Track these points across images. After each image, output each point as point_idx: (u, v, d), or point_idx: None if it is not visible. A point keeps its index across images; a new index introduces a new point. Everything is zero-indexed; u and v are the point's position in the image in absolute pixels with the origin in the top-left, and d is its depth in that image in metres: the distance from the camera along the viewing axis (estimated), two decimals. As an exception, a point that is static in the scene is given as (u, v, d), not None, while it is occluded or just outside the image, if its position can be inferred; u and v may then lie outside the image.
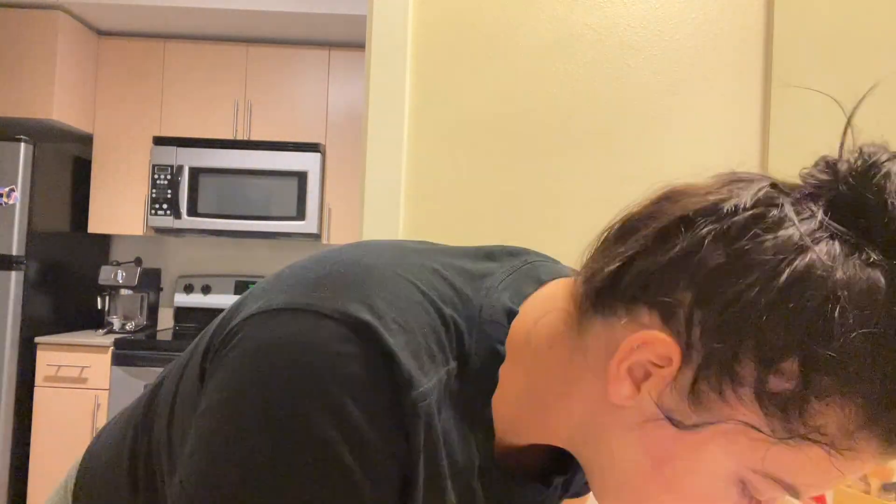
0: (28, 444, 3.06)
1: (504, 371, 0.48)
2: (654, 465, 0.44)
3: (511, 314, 0.49)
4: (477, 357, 0.47)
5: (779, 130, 1.24)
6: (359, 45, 3.44)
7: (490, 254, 0.55)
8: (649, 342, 0.42)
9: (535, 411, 0.49)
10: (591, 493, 0.65)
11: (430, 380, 0.43)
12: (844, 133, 0.49)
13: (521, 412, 0.49)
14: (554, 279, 0.54)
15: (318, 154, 3.37)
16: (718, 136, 1.27)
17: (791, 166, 1.20)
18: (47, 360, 3.06)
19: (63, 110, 3.37)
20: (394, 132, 1.24)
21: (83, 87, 3.52)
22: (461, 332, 0.47)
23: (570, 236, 1.26)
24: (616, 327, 0.45)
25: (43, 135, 3.58)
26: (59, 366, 3.05)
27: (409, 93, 1.27)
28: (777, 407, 0.40)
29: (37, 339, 3.06)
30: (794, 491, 0.43)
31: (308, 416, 0.39)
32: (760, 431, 0.41)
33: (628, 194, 1.38)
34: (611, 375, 0.44)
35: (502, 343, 0.48)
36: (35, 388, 3.07)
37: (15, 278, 2.96)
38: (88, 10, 3.36)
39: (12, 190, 2.97)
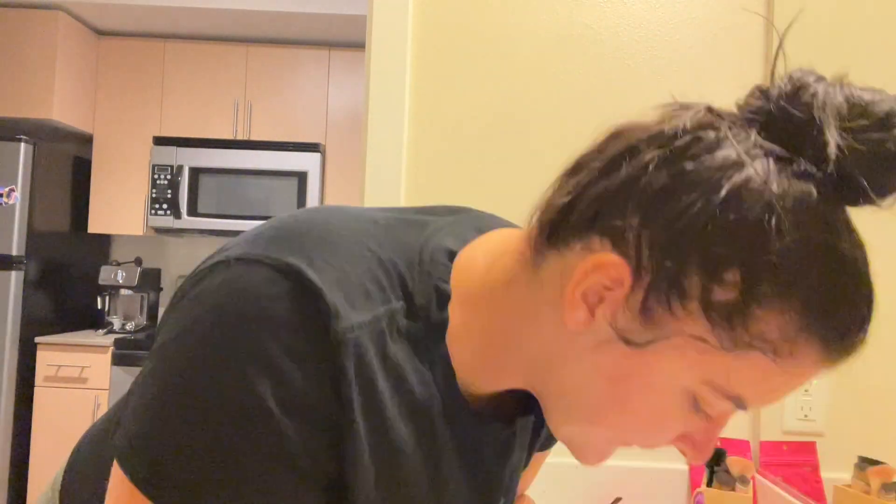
0: (28, 444, 3.06)
1: (461, 316, 0.50)
2: (608, 386, 0.46)
3: (451, 254, 0.52)
4: (421, 296, 0.48)
5: (779, 130, 1.24)
6: (359, 45, 3.44)
7: (432, 209, 0.58)
8: (601, 266, 0.45)
9: (495, 352, 0.50)
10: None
11: (361, 315, 0.44)
12: (775, 61, 0.53)
13: (481, 356, 0.50)
14: (496, 229, 0.58)
15: (318, 154, 3.37)
16: (718, 136, 1.27)
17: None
18: (47, 360, 3.06)
19: (63, 110, 3.37)
20: (394, 132, 1.24)
21: (83, 87, 3.52)
22: (402, 274, 0.48)
23: (570, 236, 1.26)
24: (569, 257, 0.47)
25: (43, 135, 3.58)
26: (59, 366, 3.05)
27: (409, 93, 1.27)
28: (722, 317, 0.42)
29: (37, 339, 3.06)
30: (741, 402, 0.45)
31: (230, 359, 0.41)
32: (708, 343, 0.43)
33: (628, 194, 1.36)
34: (566, 302, 0.46)
35: (446, 282, 0.50)
36: (35, 388, 3.07)
37: (15, 278, 2.96)
38: (88, 10, 3.36)
39: (12, 190, 2.97)
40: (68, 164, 3.41)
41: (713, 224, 0.42)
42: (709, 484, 1.14)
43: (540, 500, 1.22)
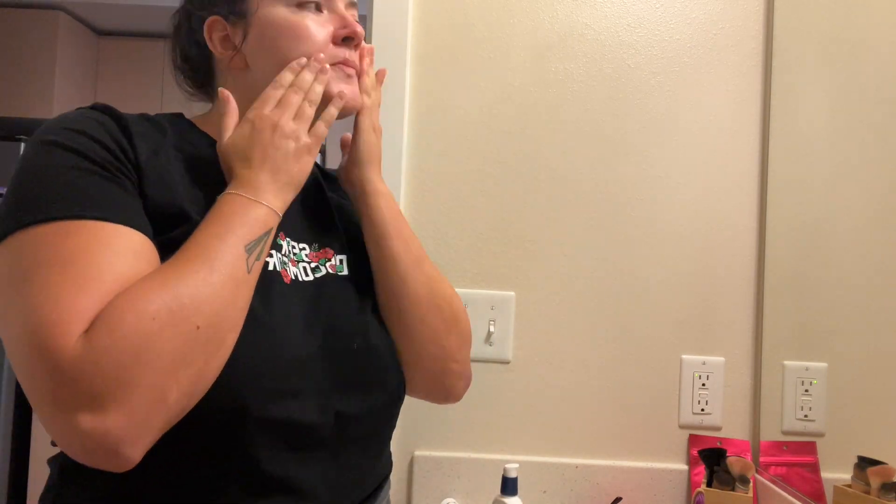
0: (28, 444, 3.06)
1: (207, 125, 0.80)
2: (275, 52, 0.76)
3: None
4: (166, 121, 0.76)
5: (779, 130, 1.24)
6: (359, 45, 3.41)
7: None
8: (211, 27, 0.78)
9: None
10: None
11: (136, 119, 0.71)
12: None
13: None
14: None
15: (319, 154, 3.37)
16: (718, 136, 1.27)
17: (791, 166, 1.21)
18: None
19: (63, 110, 3.36)
20: (394, 132, 1.24)
21: (83, 87, 3.52)
22: (148, 116, 0.75)
23: (570, 234, 1.26)
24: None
25: (43, 135, 3.57)
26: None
27: (409, 93, 1.27)
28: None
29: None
30: None
31: (45, 137, 0.64)
32: None
33: (627, 193, 1.39)
34: (226, 60, 0.79)
35: (178, 115, 0.82)
36: (35, 388, 3.06)
37: (15, 278, 2.95)
38: (88, 10, 3.36)
39: (12, 190, 2.96)
40: (68, 164, 3.41)
41: None
42: (709, 484, 1.14)
43: (540, 500, 1.22)
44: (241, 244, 0.63)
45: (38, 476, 3.04)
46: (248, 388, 0.62)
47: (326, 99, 0.76)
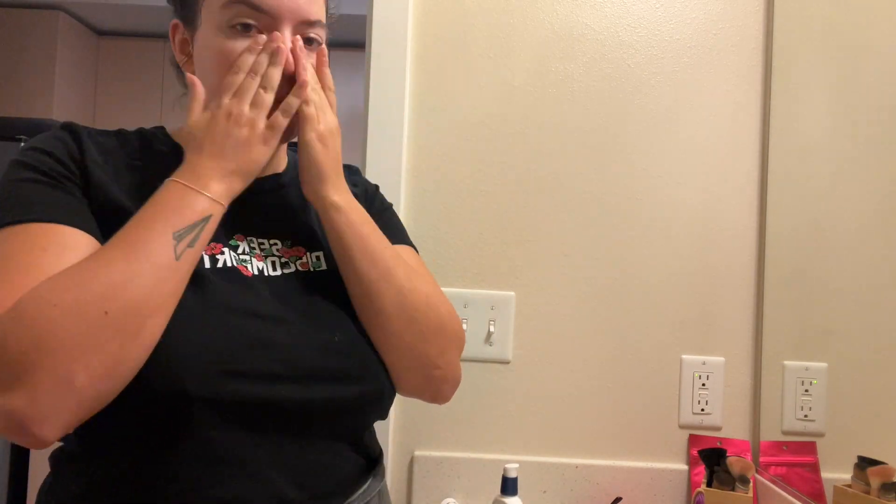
0: (28, 444, 3.06)
1: (179, 134, 0.81)
2: (209, 74, 0.75)
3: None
4: (136, 134, 0.80)
5: (779, 130, 1.24)
6: (359, 45, 3.43)
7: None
8: (173, 30, 0.81)
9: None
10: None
11: (99, 132, 0.77)
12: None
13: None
14: None
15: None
16: (718, 135, 1.27)
17: (791, 166, 1.21)
18: None
19: (63, 110, 3.37)
20: (394, 132, 1.24)
21: (83, 87, 3.52)
22: (118, 132, 0.80)
23: (570, 234, 1.26)
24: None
25: (43, 135, 3.57)
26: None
27: (409, 93, 1.27)
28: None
29: None
30: (253, 4, 0.73)
31: (15, 160, 0.72)
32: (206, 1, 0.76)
33: (627, 193, 1.39)
34: (181, 64, 0.82)
35: (159, 127, 0.84)
36: (35, 388, 3.06)
37: (15, 278, 2.95)
38: (88, 10, 3.36)
39: (12, 190, 2.96)
40: (68, 164, 3.40)
41: None
42: (709, 484, 1.14)
43: (540, 500, 1.22)
44: (170, 231, 0.64)
45: (38, 476, 3.04)
46: (186, 370, 0.63)
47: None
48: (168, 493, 0.65)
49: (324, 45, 0.80)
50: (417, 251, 0.91)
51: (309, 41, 0.77)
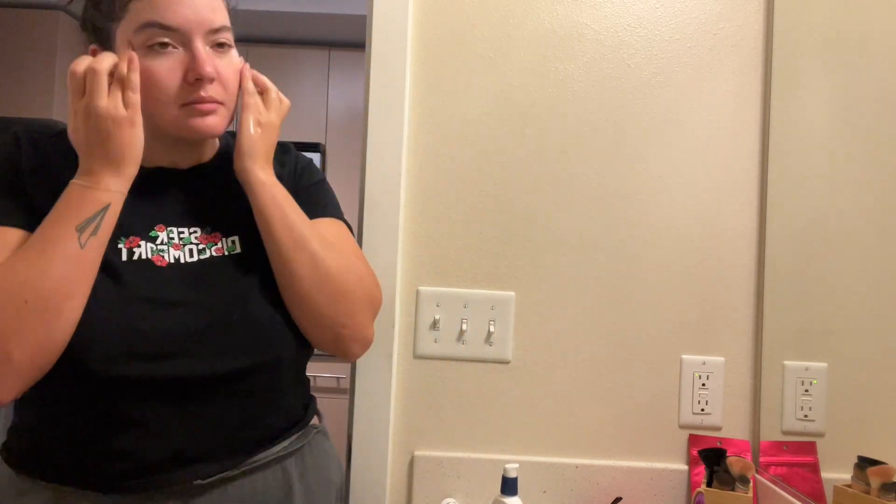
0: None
1: None
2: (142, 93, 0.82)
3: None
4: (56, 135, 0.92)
5: (779, 130, 1.24)
6: (359, 45, 3.43)
7: None
8: (92, 54, 0.85)
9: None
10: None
11: (44, 138, 0.87)
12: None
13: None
14: None
15: (318, 154, 3.37)
16: (718, 136, 1.27)
17: (791, 165, 1.21)
18: None
19: (63, 110, 3.36)
20: (394, 132, 1.24)
21: (83, 87, 3.51)
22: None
23: (569, 234, 1.26)
24: None
25: (43, 135, 3.57)
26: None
27: (409, 93, 1.26)
28: (112, 13, 0.83)
29: None
30: (157, 23, 0.80)
31: None
32: (118, 27, 0.83)
33: (627, 193, 1.39)
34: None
35: None
36: (35, 388, 3.06)
37: (15, 278, 2.94)
38: (88, 10, 3.35)
39: (12, 190, 2.96)
40: (68, 164, 3.40)
41: None
42: (709, 484, 1.14)
43: (540, 500, 1.22)
44: (73, 224, 0.76)
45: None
46: (90, 352, 0.76)
47: (186, 133, 0.87)
48: (74, 441, 0.80)
49: (243, 61, 0.92)
50: (349, 224, 1.02)
51: (220, 45, 0.87)
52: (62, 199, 0.78)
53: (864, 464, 0.93)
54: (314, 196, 0.99)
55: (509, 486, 1.08)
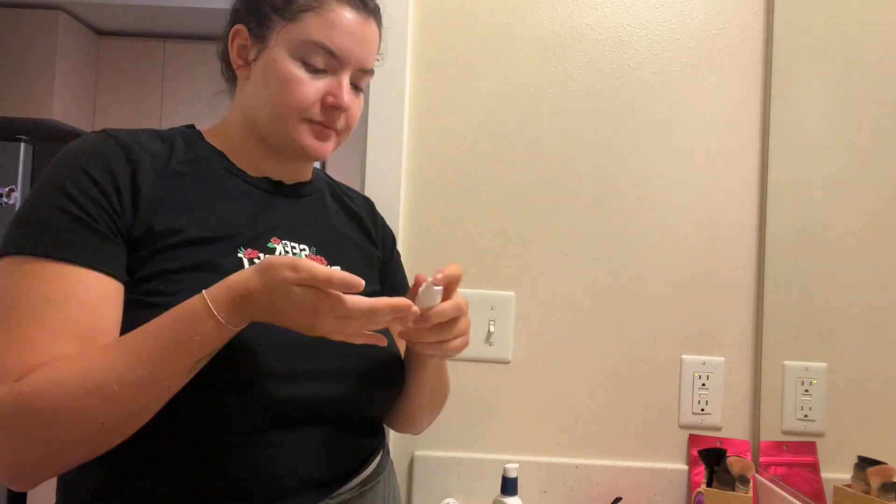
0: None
1: (214, 135, 0.87)
2: (268, 90, 0.82)
3: (191, 126, 0.89)
4: (178, 134, 0.84)
5: (779, 130, 1.24)
6: (359, 45, 3.41)
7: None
8: (235, 34, 0.85)
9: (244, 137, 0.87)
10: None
11: (141, 138, 0.79)
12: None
13: (238, 146, 0.86)
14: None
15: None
16: (718, 136, 1.27)
17: (791, 166, 1.21)
18: None
19: (63, 110, 3.37)
20: (394, 132, 1.24)
21: (83, 87, 3.52)
22: (162, 133, 0.83)
23: (569, 234, 1.26)
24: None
25: (43, 135, 3.58)
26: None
27: (409, 93, 1.27)
28: (282, 11, 0.81)
29: None
30: (325, 47, 0.81)
31: (55, 166, 0.73)
32: (284, 26, 0.81)
33: (627, 193, 1.39)
34: (236, 67, 0.86)
35: (190, 126, 0.88)
36: (35, 388, 3.05)
37: (15, 278, 2.94)
38: (88, 10, 3.36)
39: (12, 190, 2.97)
40: (68, 164, 3.40)
41: None
42: (709, 484, 1.14)
43: (540, 500, 1.22)
44: (193, 360, 0.65)
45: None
46: (225, 379, 0.71)
47: (295, 146, 0.84)
48: (199, 472, 0.71)
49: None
50: (408, 286, 1.03)
51: (357, 88, 0.87)
52: (191, 325, 0.65)
53: (864, 464, 0.93)
54: (399, 265, 1.06)
55: (509, 486, 1.08)
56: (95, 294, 0.68)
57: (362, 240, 0.97)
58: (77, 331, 0.67)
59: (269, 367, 0.73)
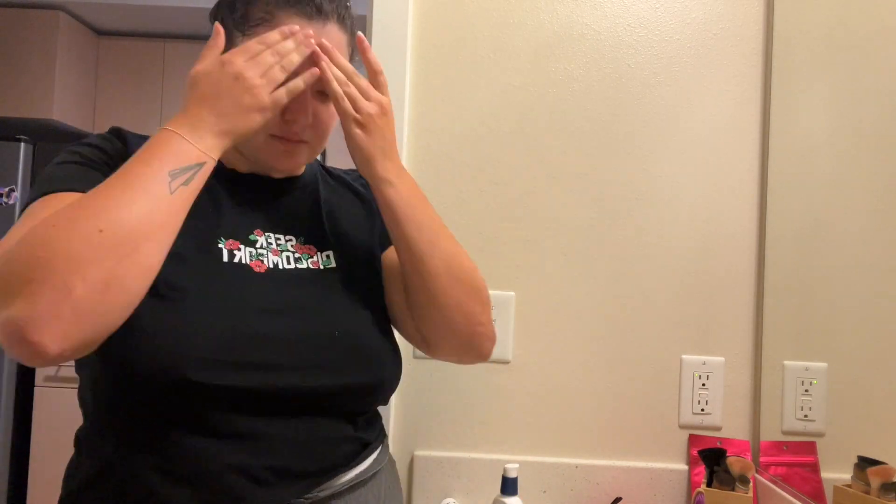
0: (28, 444, 3.06)
1: None
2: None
3: None
4: None
5: (779, 130, 1.24)
6: (359, 45, 3.41)
7: None
8: (214, 33, 0.81)
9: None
10: None
11: (142, 137, 0.82)
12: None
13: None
14: None
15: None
16: (718, 136, 1.27)
17: (791, 166, 1.21)
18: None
19: (63, 110, 3.37)
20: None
21: (83, 87, 3.52)
22: None
23: (569, 234, 1.26)
24: None
25: (43, 135, 3.58)
26: (60, 365, 3.05)
27: (409, 93, 1.27)
28: (241, 26, 0.82)
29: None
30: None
31: (63, 152, 0.80)
32: (242, 41, 0.81)
33: (628, 193, 1.39)
34: None
35: None
36: (35, 388, 3.07)
37: (15, 278, 2.95)
38: (88, 10, 3.36)
39: (12, 190, 2.97)
40: (68, 164, 3.40)
41: None
42: (709, 484, 1.14)
43: (540, 500, 1.22)
44: (165, 169, 0.69)
45: (38, 474, 3.04)
46: (188, 360, 0.70)
47: (264, 163, 0.85)
48: (175, 462, 0.72)
49: (360, 33, 0.88)
50: None
51: (324, 95, 0.85)
52: (154, 144, 0.71)
53: (864, 464, 0.93)
54: None
55: (509, 486, 1.08)
56: None
57: (363, 212, 0.96)
58: None
59: (246, 359, 0.73)
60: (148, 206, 0.67)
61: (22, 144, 3.00)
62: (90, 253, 0.63)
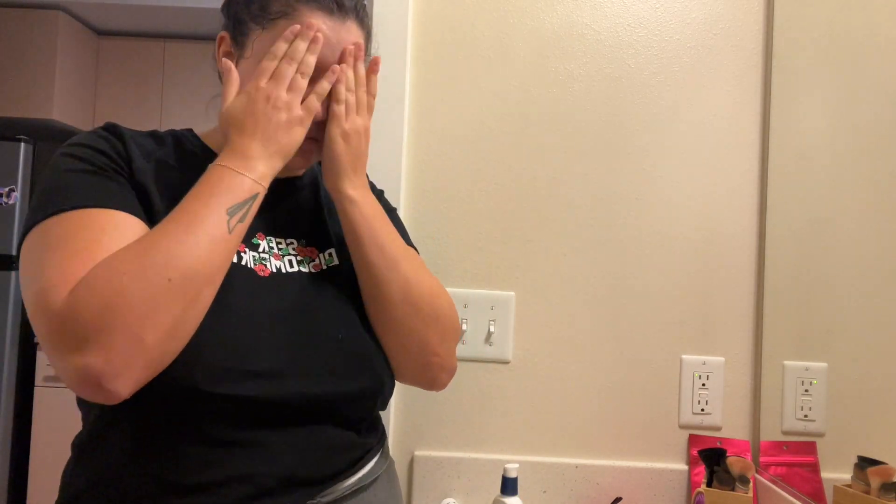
0: (28, 444, 3.06)
1: (208, 137, 0.87)
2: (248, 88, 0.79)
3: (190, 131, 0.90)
4: (171, 134, 0.86)
5: (779, 130, 1.24)
6: (359, 45, 3.41)
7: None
8: (220, 41, 0.85)
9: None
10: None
11: (137, 133, 0.82)
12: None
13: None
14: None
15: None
16: (718, 136, 1.27)
17: (791, 166, 1.22)
18: (47, 360, 3.06)
19: (63, 110, 3.37)
20: (394, 132, 1.24)
21: (83, 87, 3.52)
22: (155, 133, 0.85)
23: (569, 234, 1.26)
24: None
25: (43, 135, 3.58)
26: (59, 366, 3.05)
27: (409, 93, 1.27)
28: (258, 18, 0.81)
29: (37, 340, 3.06)
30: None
31: (57, 156, 0.76)
32: (259, 34, 0.81)
33: (628, 193, 1.39)
34: (219, 74, 0.85)
35: (189, 130, 0.89)
36: (35, 388, 3.07)
37: (15, 278, 2.96)
38: (88, 10, 3.36)
39: (12, 190, 2.97)
40: (68, 164, 3.40)
41: None
42: (709, 484, 1.14)
43: (540, 500, 1.22)
44: (223, 207, 0.70)
45: (38, 475, 3.04)
46: (197, 367, 0.69)
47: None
48: (178, 471, 0.71)
49: (377, 56, 0.88)
50: (418, 253, 0.96)
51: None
52: (208, 179, 0.72)
53: (864, 464, 0.93)
54: (398, 222, 0.98)
55: (509, 486, 1.08)
56: (133, 230, 0.71)
57: None
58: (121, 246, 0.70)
59: (254, 368, 0.73)
60: (209, 249, 0.68)
61: (22, 144, 3.00)
62: (159, 302, 0.64)
